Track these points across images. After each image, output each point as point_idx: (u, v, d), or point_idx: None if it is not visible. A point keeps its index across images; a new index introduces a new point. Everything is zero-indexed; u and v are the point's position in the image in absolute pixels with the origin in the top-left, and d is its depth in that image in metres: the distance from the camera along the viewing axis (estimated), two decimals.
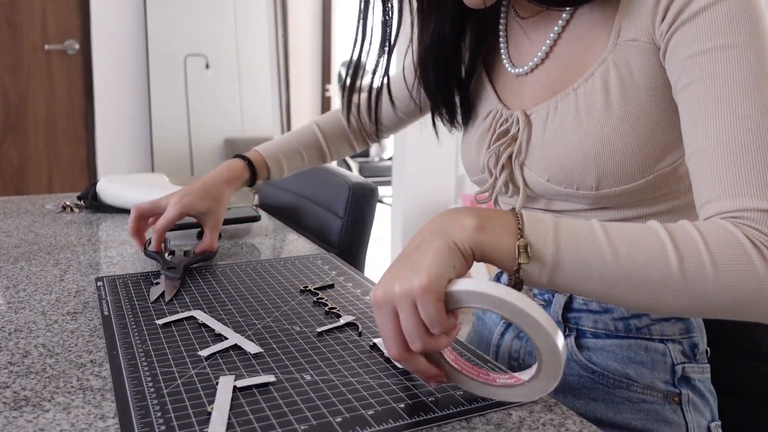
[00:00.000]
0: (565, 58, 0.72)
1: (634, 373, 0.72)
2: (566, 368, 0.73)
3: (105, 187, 1.32)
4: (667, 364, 0.72)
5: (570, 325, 0.75)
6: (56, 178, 3.23)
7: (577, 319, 0.74)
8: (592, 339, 0.74)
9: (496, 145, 0.75)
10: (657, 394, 0.71)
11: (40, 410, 0.54)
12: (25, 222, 1.21)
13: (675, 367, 0.72)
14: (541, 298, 0.77)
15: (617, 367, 0.72)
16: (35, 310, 0.77)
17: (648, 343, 0.72)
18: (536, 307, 0.48)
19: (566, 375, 0.74)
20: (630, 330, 0.72)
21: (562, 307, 0.75)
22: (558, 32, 0.72)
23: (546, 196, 0.74)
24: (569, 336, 0.75)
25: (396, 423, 0.52)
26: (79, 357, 0.65)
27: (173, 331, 0.70)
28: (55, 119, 3.18)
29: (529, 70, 0.76)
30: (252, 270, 0.92)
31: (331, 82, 4.30)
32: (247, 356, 0.64)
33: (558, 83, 0.72)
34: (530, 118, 0.73)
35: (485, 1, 0.68)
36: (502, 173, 0.75)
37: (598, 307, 0.73)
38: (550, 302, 0.76)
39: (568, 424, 0.54)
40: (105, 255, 1.01)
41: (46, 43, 3.10)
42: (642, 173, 0.66)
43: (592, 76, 0.68)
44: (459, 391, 0.58)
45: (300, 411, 0.54)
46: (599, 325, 0.73)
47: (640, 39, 0.65)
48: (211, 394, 0.56)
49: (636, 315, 0.72)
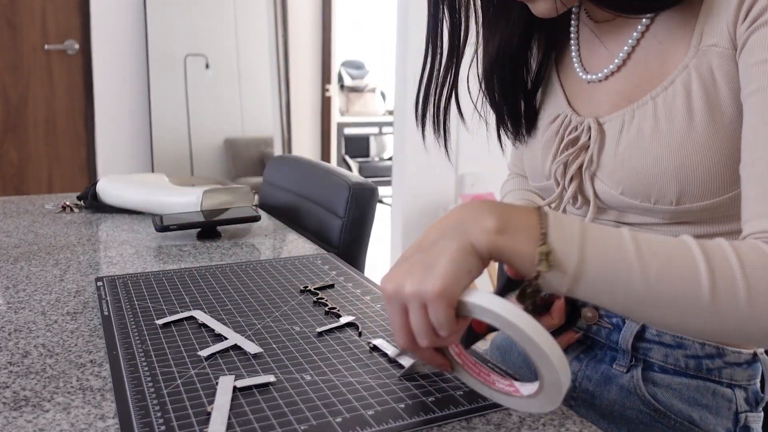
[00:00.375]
0: (643, 65, 0.68)
1: (698, 417, 0.68)
2: (626, 401, 0.70)
3: (105, 187, 1.32)
4: (731, 411, 0.68)
5: (638, 356, 0.70)
6: (56, 178, 3.23)
7: (647, 350, 0.70)
8: (660, 374, 0.69)
9: (565, 155, 0.71)
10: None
11: (40, 410, 0.54)
12: (25, 222, 1.21)
13: (739, 415, 0.68)
14: (609, 321, 0.72)
15: (682, 408, 0.68)
16: (35, 310, 0.77)
17: (716, 386, 0.68)
18: (548, 338, 0.46)
19: (625, 408, 0.70)
20: (701, 370, 0.68)
21: (633, 336, 0.70)
22: (637, 38, 0.68)
23: (618, 208, 0.70)
24: (636, 367, 0.70)
25: (396, 423, 0.52)
26: (79, 357, 0.65)
27: (173, 331, 0.70)
28: (55, 119, 3.18)
29: (603, 77, 0.71)
30: (252, 270, 0.92)
31: (331, 82, 4.30)
32: (247, 356, 0.64)
33: (635, 91, 0.68)
34: (603, 126, 0.69)
35: (558, 8, 0.64)
36: (570, 184, 0.71)
37: (672, 341, 0.69)
38: (619, 327, 0.71)
39: (568, 424, 0.54)
40: (105, 255, 1.01)
41: (46, 43, 3.10)
42: (727, 188, 0.62)
43: (672, 84, 0.63)
44: (459, 391, 0.58)
45: (300, 411, 0.54)
46: (669, 359, 0.69)
47: (721, 44, 0.61)
48: (211, 394, 0.56)
49: (710, 355, 0.68)
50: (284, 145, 3.92)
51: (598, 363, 0.73)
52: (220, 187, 1.28)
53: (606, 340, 0.72)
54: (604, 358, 0.73)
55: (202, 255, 1.02)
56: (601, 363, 0.73)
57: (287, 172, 1.49)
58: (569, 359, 0.74)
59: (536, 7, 0.66)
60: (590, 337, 0.74)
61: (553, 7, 0.64)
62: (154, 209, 1.27)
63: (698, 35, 0.62)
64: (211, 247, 1.06)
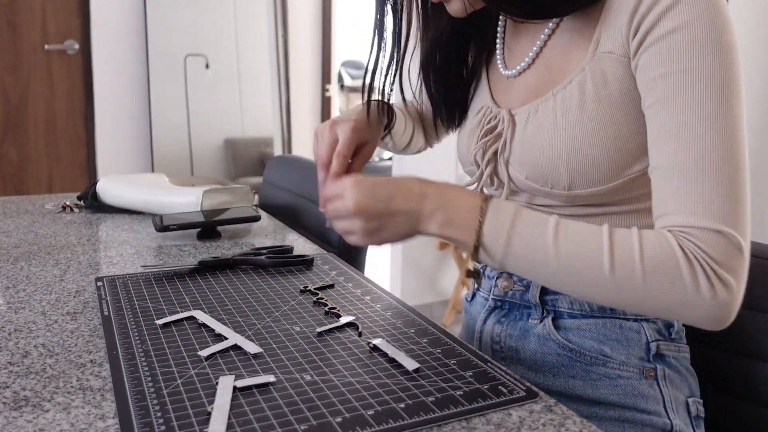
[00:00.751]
0: (549, 64, 0.76)
1: (609, 350, 0.75)
2: (545, 348, 0.77)
3: (105, 187, 1.32)
4: (641, 341, 0.75)
5: (548, 307, 0.78)
6: (56, 178, 3.22)
7: (554, 301, 0.78)
8: (569, 319, 0.77)
9: (483, 141, 0.79)
10: (632, 369, 0.74)
11: (40, 410, 0.54)
12: (25, 222, 1.21)
13: (650, 344, 0.74)
14: (521, 284, 0.80)
15: (593, 345, 0.75)
16: (35, 310, 0.77)
17: (622, 321, 0.75)
18: None
19: (545, 354, 0.77)
20: (605, 310, 0.75)
21: (539, 290, 0.78)
22: (544, 40, 0.77)
23: (528, 191, 0.78)
24: (547, 317, 0.78)
25: (396, 423, 0.52)
26: (79, 357, 0.65)
27: (173, 331, 0.70)
28: (55, 119, 3.18)
29: (517, 73, 0.80)
30: (252, 270, 0.92)
31: (331, 82, 4.30)
32: (247, 356, 0.64)
33: (541, 87, 0.76)
34: (515, 118, 0.77)
35: (466, 9, 0.73)
36: (487, 167, 0.80)
37: None
38: (528, 287, 0.79)
39: (568, 424, 0.54)
40: (105, 255, 1.01)
41: (46, 43, 3.10)
42: (612, 177, 0.70)
43: (570, 84, 0.72)
44: (459, 391, 0.58)
45: (300, 411, 0.54)
46: (575, 306, 0.77)
47: (615, 52, 0.68)
48: (211, 394, 0.56)
49: None
50: (284, 145, 3.92)
51: (516, 321, 0.81)
52: (220, 187, 1.28)
53: (520, 300, 0.80)
54: (521, 316, 0.81)
55: (202, 255, 1.02)
56: (519, 321, 0.81)
57: (287, 172, 1.49)
58: (491, 323, 0.83)
59: (450, 6, 0.75)
60: (507, 302, 0.82)
61: (463, 8, 0.73)
62: (154, 209, 1.27)
63: (596, 42, 0.70)
64: (211, 247, 1.06)
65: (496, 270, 0.66)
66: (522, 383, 0.60)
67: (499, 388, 0.59)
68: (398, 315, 0.76)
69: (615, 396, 0.74)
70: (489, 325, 0.83)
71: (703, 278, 0.59)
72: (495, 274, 0.84)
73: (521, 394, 0.58)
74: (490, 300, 0.84)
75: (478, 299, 0.88)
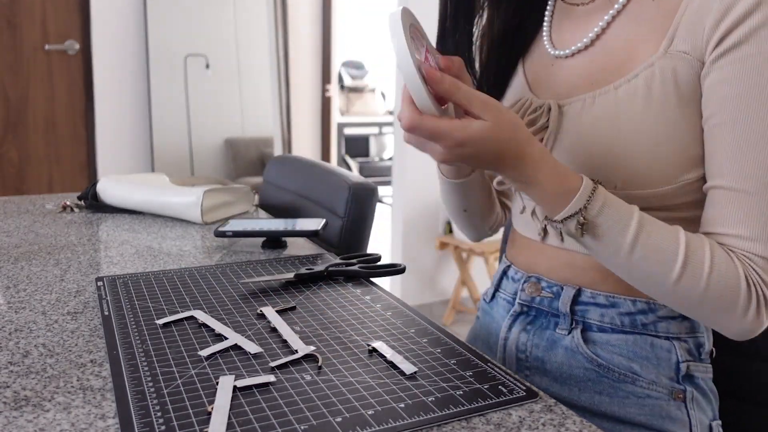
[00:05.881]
0: (611, 50, 0.71)
1: (639, 368, 0.72)
2: (572, 361, 0.75)
3: (105, 187, 1.32)
4: (672, 361, 0.72)
5: (577, 318, 0.75)
6: (56, 178, 3.23)
7: (584, 312, 0.75)
8: (599, 333, 0.74)
9: None
10: (662, 390, 0.72)
11: (41, 410, 0.54)
12: (25, 222, 1.21)
13: (680, 364, 0.72)
14: (550, 290, 0.77)
15: (622, 362, 0.73)
16: (35, 309, 0.77)
17: (654, 339, 0.72)
18: None
19: (572, 368, 0.75)
20: (636, 326, 0.73)
21: (570, 300, 0.75)
22: (608, 21, 0.72)
23: None
24: (576, 329, 0.75)
25: (396, 423, 0.52)
26: (80, 357, 0.65)
27: (173, 331, 0.70)
28: (55, 119, 3.18)
29: (570, 54, 0.75)
30: (252, 270, 0.92)
31: (331, 82, 4.30)
32: (247, 356, 0.64)
33: (598, 74, 0.71)
34: (563, 109, 0.73)
35: None
36: None
37: (606, 301, 0.74)
38: (558, 295, 0.76)
39: (568, 424, 0.54)
40: (105, 255, 1.01)
41: (46, 43, 3.10)
42: (667, 181, 0.68)
43: (635, 78, 0.67)
44: (459, 391, 0.58)
45: (300, 411, 0.54)
46: (606, 319, 0.74)
47: (691, 53, 0.65)
48: (211, 394, 0.56)
49: (642, 311, 0.73)
50: (284, 145, 3.92)
51: (543, 330, 0.78)
52: (221, 187, 1.28)
53: (548, 308, 0.78)
54: (549, 325, 0.78)
55: (202, 255, 1.02)
56: (546, 330, 0.78)
57: (287, 172, 1.49)
58: (517, 331, 0.80)
59: None
60: (534, 308, 0.80)
61: None
62: (155, 209, 1.27)
63: (670, 38, 0.66)
64: (211, 247, 1.06)
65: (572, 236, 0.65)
66: (522, 383, 0.60)
67: (499, 387, 0.59)
68: (398, 315, 0.76)
69: (642, 416, 0.72)
70: (514, 333, 0.80)
71: (754, 305, 0.62)
72: (521, 277, 0.81)
73: (521, 394, 0.58)
74: (515, 305, 0.81)
75: (500, 301, 0.85)
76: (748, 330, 0.64)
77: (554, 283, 0.77)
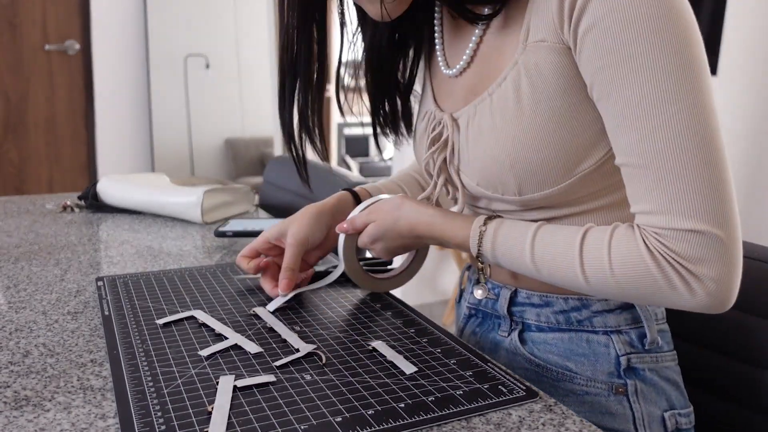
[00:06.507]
0: (485, 60, 0.71)
1: (574, 366, 0.73)
2: (513, 362, 0.77)
3: (105, 187, 1.32)
4: (610, 355, 0.71)
5: (515, 319, 0.77)
6: (56, 178, 3.22)
7: (522, 312, 0.76)
8: (537, 333, 0.75)
9: (431, 151, 0.76)
10: (600, 386, 0.72)
11: (41, 410, 0.54)
12: (25, 222, 1.21)
13: (620, 358, 0.71)
14: (493, 292, 0.79)
15: (558, 360, 0.73)
16: (36, 309, 0.77)
17: (590, 335, 0.72)
18: None
19: (514, 369, 0.76)
20: (571, 323, 0.73)
21: (507, 301, 0.77)
22: (479, 35, 0.72)
23: (483, 197, 0.74)
24: (514, 330, 0.76)
25: (396, 423, 0.52)
26: (80, 357, 0.65)
27: (173, 331, 0.70)
28: (56, 119, 3.18)
29: (458, 72, 0.75)
30: None
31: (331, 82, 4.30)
32: (247, 356, 0.64)
33: (479, 86, 0.71)
34: (457, 122, 0.73)
35: (391, 14, 0.69)
36: (440, 176, 0.76)
37: (540, 300, 0.75)
38: (498, 296, 0.78)
39: (568, 423, 0.54)
40: (105, 255, 1.02)
41: (46, 43, 3.10)
42: (563, 177, 0.66)
43: (504, 80, 0.67)
44: (459, 391, 0.58)
45: (300, 411, 0.54)
46: (542, 318, 0.74)
47: (548, 39, 0.63)
48: (211, 394, 0.56)
49: (575, 308, 0.73)
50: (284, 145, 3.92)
51: (488, 332, 0.80)
52: (221, 187, 1.28)
53: (491, 310, 0.80)
54: (493, 327, 0.80)
55: (202, 255, 1.02)
56: (491, 332, 0.80)
57: (287, 172, 1.49)
58: (468, 335, 0.84)
59: (367, 7, 0.70)
60: (481, 310, 0.82)
61: (380, 13, 0.69)
62: (155, 209, 1.27)
63: (525, 32, 0.65)
64: (211, 247, 1.07)
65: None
66: (522, 383, 0.60)
67: (498, 387, 0.59)
68: (398, 315, 0.76)
69: (582, 413, 0.72)
70: (466, 335, 0.83)
71: (676, 278, 0.58)
72: (473, 280, 0.83)
73: (521, 394, 0.58)
74: (464, 308, 0.84)
75: (462, 302, 0.87)
76: (704, 305, 0.59)
77: (496, 284, 0.79)
